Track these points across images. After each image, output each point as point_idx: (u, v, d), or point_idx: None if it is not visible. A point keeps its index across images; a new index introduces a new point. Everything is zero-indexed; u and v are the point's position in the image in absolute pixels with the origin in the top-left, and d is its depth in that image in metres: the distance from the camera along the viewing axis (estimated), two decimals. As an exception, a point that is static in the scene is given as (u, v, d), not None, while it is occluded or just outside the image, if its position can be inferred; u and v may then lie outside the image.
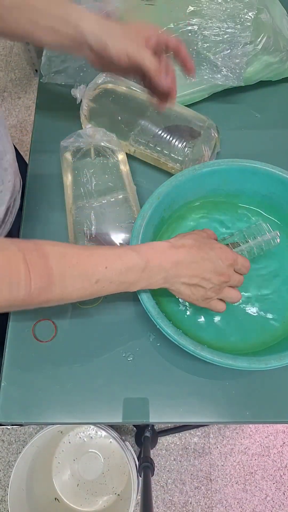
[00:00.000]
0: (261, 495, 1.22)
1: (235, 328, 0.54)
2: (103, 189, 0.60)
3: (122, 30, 0.46)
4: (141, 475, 0.93)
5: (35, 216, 0.65)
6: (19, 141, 1.68)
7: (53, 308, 0.58)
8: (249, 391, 0.53)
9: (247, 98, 0.74)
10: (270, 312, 0.55)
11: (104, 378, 0.54)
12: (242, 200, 0.62)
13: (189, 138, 0.62)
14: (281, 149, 0.70)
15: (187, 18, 0.65)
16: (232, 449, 1.26)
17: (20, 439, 1.29)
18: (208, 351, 0.45)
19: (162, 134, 0.63)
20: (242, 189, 0.60)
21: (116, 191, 0.60)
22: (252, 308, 0.55)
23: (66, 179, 0.63)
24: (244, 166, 0.56)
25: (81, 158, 0.62)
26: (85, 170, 0.62)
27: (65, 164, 0.63)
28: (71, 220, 0.60)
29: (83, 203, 0.60)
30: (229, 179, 0.58)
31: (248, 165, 0.56)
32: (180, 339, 0.45)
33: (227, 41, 0.65)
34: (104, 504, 1.08)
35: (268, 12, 0.67)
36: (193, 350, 0.45)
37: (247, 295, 0.56)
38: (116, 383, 0.54)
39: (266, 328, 0.54)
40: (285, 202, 0.58)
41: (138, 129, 0.63)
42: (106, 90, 0.66)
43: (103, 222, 0.58)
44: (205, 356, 0.45)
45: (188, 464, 1.24)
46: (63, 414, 0.53)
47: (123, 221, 0.58)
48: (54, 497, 1.08)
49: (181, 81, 0.70)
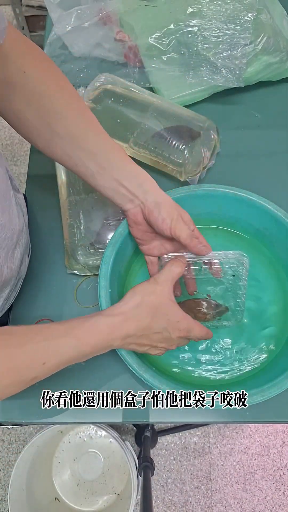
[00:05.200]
0: (261, 495, 1.22)
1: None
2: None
3: (169, 199, 0.48)
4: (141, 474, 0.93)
5: (35, 216, 0.65)
6: (19, 141, 1.68)
7: (53, 308, 0.59)
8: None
9: (247, 98, 0.74)
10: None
11: (104, 377, 0.54)
12: (236, 228, 0.61)
13: (188, 140, 0.62)
14: (281, 149, 0.70)
15: (187, 19, 0.65)
16: (232, 448, 1.26)
17: (20, 439, 1.29)
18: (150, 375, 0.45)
19: (161, 135, 0.63)
20: (237, 218, 0.59)
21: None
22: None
23: (59, 179, 0.63)
24: (240, 196, 0.55)
25: None
26: None
27: (57, 163, 0.64)
28: (65, 219, 0.60)
29: (75, 202, 0.60)
30: (225, 205, 0.57)
31: (244, 196, 0.55)
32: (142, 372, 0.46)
33: (227, 42, 0.65)
34: (104, 504, 1.08)
35: (268, 12, 0.67)
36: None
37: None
38: (116, 382, 0.54)
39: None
40: (276, 239, 0.57)
41: (138, 131, 0.63)
42: (106, 91, 0.66)
43: (91, 220, 0.59)
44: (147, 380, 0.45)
45: (188, 463, 1.24)
46: (63, 414, 0.53)
47: (111, 219, 0.59)
48: (54, 497, 1.08)
49: (181, 81, 0.70)
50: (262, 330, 0.56)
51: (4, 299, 0.52)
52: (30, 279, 0.60)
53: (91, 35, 0.72)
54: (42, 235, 0.64)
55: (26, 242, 0.55)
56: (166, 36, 0.67)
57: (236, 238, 0.61)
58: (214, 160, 0.66)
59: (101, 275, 0.50)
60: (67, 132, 0.45)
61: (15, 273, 0.52)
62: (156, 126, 0.63)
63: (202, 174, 0.65)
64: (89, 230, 0.58)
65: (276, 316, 0.56)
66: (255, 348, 0.54)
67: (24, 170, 1.64)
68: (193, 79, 0.69)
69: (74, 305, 0.59)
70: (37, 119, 0.45)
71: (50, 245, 0.63)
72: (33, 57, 0.44)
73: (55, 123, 0.45)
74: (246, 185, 0.56)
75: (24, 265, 0.57)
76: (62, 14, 0.70)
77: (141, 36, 0.69)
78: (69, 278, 0.61)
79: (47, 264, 0.62)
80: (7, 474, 1.25)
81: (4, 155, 1.64)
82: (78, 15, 0.70)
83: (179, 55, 0.68)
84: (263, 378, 0.50)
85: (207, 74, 0.68)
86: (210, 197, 0.56)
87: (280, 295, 0.57)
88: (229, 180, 0.61)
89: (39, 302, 0.59)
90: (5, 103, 0.44)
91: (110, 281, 0.50)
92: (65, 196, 0.62)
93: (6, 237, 0.46)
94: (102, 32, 0.72)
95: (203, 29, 0.65)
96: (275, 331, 0.55)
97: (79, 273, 0.60)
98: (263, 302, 0.57)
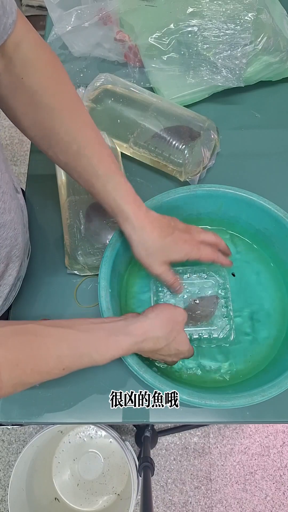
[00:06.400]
0: (261, 495, 1.22)
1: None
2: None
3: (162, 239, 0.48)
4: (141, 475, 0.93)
5: (35, 216, 0.65)
6: (19, 141, 1.68)
7: (53, 308, 0.59)
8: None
9: (247, 98, 0.74)
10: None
11: (104, 377, 0.54)
12: (236, 229, 0.61)
13: (188, 140, 0.62)
14: (281, 149, 0.70)
15: (187, 19, 0.65)
16: (232, 449, 1.26)
17: (20, 439, 1.29)
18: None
19: (161, 135, 0.63)
20: (237, 218, 0.59)
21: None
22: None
23: (59, 179, 0.63)
24: (240, 196, 0.55)
25: None
26: None
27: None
28: (65, 219, 0.60)
29: (75, 202, 0.60)
30: (225, 205, 0.57)
31: (244, 196, 0.55)
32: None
33: (227, 42, 0.65)
34: (104, 504, 1.08)
35: (268, 12, 0.67)
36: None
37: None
38: (116, 382, 0.54)
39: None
40: (276, 239, 0.57)
41: (138, 131, 0.63)
42: (106, 91, 0.66)
43: (91, 220, 0.59)
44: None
45: (188, 464, 1.24)
46: (63, 414, 0.53)
47: (111, 219, 0.58)
48: (54, 497, 1.08)
49: (181, 81, 0.70)
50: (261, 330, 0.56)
51: (4, 299, 0.52)
52: (30, 279, 0.60)
53: (91, 35, 0.72)
54: (42, 235, 0.64)
55: (25, 243, 0.55)
56: (166, 36, 0.67)
57: (236, 238, 0.61)
58: (214, 160, 0.66)
59: (101, 275, 0.50)
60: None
61: (14, 273, 0.52)
62: (156, 126, 0.63)
63: (202, 174, 0.65)
64: (89, 230, 0.58)
65: (275, 316, 0.56)
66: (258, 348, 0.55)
67: (24, 170, 1.64)
68: (193, 79, 0.69)
69: (74, 305, 0.59)
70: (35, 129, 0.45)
71: (50, 245, 0.63)
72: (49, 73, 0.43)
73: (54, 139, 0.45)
74: (246, 185, 0.56)
75: (23, 265, 0.57)
76: (62, 14, 0.70)
77: (141, 36, 0.69)
78: (69, 278, 0.61)
79: (47, 264, 0.62)
80: (7, 474, 1.25)
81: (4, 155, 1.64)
82: (78, 15, 0.70)
83: (179, 55, 0.68)
84: (263, 378, 0.50)
85: (207, 74, 0.68)
86: (210, 197, 0.56)
87: (279, 295, 0.58)
88: (229, 180, 0.61)
89: (39, 302, 0.59)
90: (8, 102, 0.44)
91: (110, 281, 0.50)
92: (65, 196, 0.62)
93: (8, 237, 0.46)
94: (102, 32, 0.72)
95: (203, 29, 0.65)
96: (274, 330, 0.56)
97: (79, 273, 0.60)
98: (262, 302, 0.57)
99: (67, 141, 0.44)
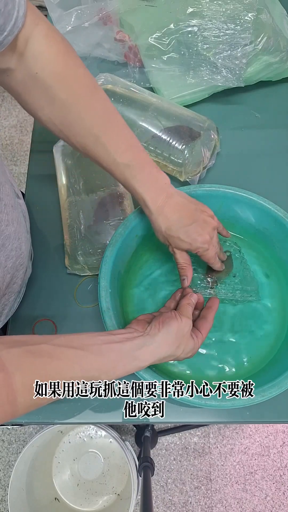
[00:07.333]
0: (261, 495, 1.22)
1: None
2: (93, 187, 0.61)
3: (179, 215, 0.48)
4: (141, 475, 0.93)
5: (36, 216, 0.65)
6: (19, 141, 1.68)
7: (53, 308, 0.59)
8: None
9: (247, 98, 0.74)
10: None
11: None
12: (236, 229, 0.61)
13: (188, 140, 0.62)
14: (281, 149, 0.70)
15: (187, 19, 0.65)
16: (232, 449, 1.26)
17: (20, 439, 1.29)
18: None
19: (161, 135, 0.63)
20: (237, 218, 0.59)
21: (104, 189, 0.61)
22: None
23: (60, 180, 0.63)
24: (240, 196, 0.55)
25: (74, 158, 0.63)
26: (77, 170, 0.62)
27: (57, 164, 0.64)
28: (65, 219, 0.60)
29: (75, 201, 0.60)
30: (225, 205, 0.57)
31: (244, 196, 0.55)
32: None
33: (227, 42, 0.65)
34: (104, 504, 1.08)
35: (268, 12, 0.67)
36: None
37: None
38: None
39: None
40: (276, 240, 0.57)
41: (138, 131, 0.63)
42: (106, 91, 0.66)
43: (91, 220, 0.59)
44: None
45: (188, 464, 1.24)
46: (63, 414, 0.53)
47: (111, 219, 0.59)
48: (54, 497, 1.08)
49: (181, 81, 0.70)
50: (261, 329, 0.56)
51: (9, 307, 0.52)
52: (30, 279, 0.60)
53: (91, 35, 0.72)
54: (42, 235, 0.64)
55: (29, 250, 0.55)
56: (166, 36, 0.67)
57: (236, 238, 0.61)
58: (214, 160, 0.66)
59: (101, 275, 0.50)
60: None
61: (19, 281, 0.52)
62: (156, 126, 0.63)
63: (202, 174, 0.65)
64: (89, 230, 0.58)
65: (275, 316, 0.56)
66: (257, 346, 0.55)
67: (24, 170, 1.64)
68: (193, 79, 0.69)
69: (74, 305, 0.59)
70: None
71: (50, 246, 0.63)
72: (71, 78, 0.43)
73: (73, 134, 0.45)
74: (246, 185, 0.56)
75: (28, 272, 0.57)
76: (62, 14, 0.70)
77: (141, 36, 0.69)
78: (69, 278, 0.61)
79: (47, 265, 0.62)
80: (7, 474, 1.25)
81: (4, 155, 1.64)
82: (78, 15, 0.70)
83: (179, 55, 0.68)
84: (263, 378, 0.50)
85: (207, 74, 0.68)
86: (210, 197, 0.56)
87: (279, 294, 0.58)
88: (229, 180, 0.61)
89: (39, 302, 0.59)
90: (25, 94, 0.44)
91: (110, 281, 0.50)
92: (65, 197, 0.62)
93: (13, 248, 0.46)
94: (102, 32, 0.72)
95: (203, 29, 0.65)
96: (274, 330, 0.56)
97: (79, 273, 0.60)
98: (262, 301, 0.57)
99: (83, 135, 0.45)
